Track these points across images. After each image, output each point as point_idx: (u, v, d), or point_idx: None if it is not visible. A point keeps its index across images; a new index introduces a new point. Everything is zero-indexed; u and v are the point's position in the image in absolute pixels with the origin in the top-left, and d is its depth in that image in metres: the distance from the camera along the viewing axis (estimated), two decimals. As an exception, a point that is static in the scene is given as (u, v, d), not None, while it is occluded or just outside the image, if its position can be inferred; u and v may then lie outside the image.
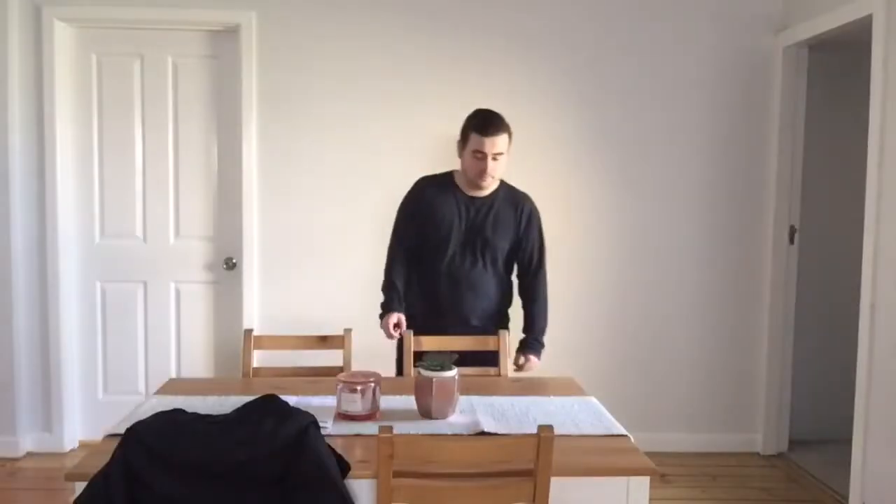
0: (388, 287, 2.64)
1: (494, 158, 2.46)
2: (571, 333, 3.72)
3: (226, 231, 3.71)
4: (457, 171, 2.65)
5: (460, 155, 2.56)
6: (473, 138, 2.45)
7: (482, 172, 2.46)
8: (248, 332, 2.70)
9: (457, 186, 2.57)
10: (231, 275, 3.72)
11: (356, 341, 2.66)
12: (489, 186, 2.57)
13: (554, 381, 2.50)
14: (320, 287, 3.62)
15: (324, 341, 2.67)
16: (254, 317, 3.65)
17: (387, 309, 2.61)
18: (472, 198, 2.56)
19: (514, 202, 2.60)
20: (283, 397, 1.84)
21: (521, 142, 3.57)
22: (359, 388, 1.97)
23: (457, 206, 2.56)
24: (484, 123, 2.45)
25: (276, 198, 3.62)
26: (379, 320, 2.61)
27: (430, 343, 2.51)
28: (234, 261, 3.70)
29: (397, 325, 2.55)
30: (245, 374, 2.62)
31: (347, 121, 3.56)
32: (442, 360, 2.01)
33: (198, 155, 3.70)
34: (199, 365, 3.73)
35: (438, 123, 3.52)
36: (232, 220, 3.69)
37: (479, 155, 2.45)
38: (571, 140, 3.69)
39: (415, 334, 2.57)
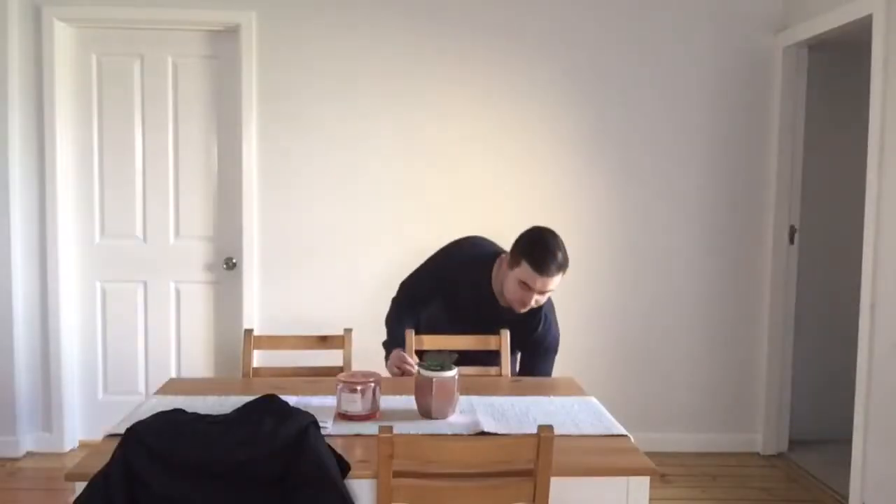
0: (394, 325, 2.54)
1: (542, 293, 2.28)
2: (571, 333, 3.59)
3: (226, 231, 3.70)
4: (497, 272, 2.45)
5: (505, 269, 2.34)
6: (526, 270, 2.23)
7: (524, 304, 2.30)
8: (248, 332, 2.68)
9: (491, 291, 2.40)
10: (231, 275, 3.70)
11: (356, 341, 2.65)
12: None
13: (554, 381, 2.49)
14: (320, 287, 3.61)
15: (324, 341, 2.66)
16: (254, 317, 3.64)
17: (394, 344, 2.50)
18: (501, 306, 2.43)
19: (535, 310, 2.44)
20: (283, 397, 1.84)
21: (520, 142, 3.67)
22: (359, 388, 1.96)
23: (482, 306, 2.44)
24: (543, 261, 2.21)
25: (276, 198, 3.61)
26: (384, 360, 2.52)
27: (431, 342, 2.48)
28: (234, 261, 3.69)
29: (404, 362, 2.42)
30: (245, 374, 2.61)
31: (348, 120, 3.55)
32: (442, 360, 2.00)
33: (198, 155, 3.69)
34: (199, 365, 3.72)
35: (439, 123, 3.52)
36: (232, 220, 3.68)
37: (526, 287, 2.27)
38: (570, 140, 3.68)
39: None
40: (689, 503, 3.24)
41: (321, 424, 1.76)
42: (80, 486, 1.65)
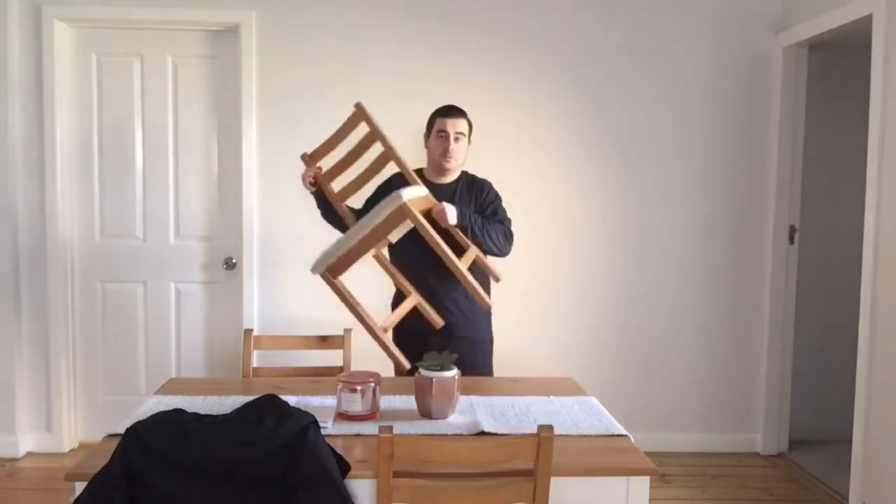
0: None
1: (456, 139, 2.63)
2: (571, 333, 3.72)
3: (226, 231, 3.69)
4: (424, 167, 2.76)
5: (427, 145, 2.73)
6: (437, 121, 2.66)
7: (445, 151, 2.62)
8: (248, 331, 2.68)
9: (423, 177, 2.68)
10: (231, 275, 3.70)
11: (356, 341, 2.64)
12: (453, 169, 2.68)
13: (554, 381, 2.49)
14: (320, 287, 3.35)
15: (324, 341, 2.66)
16: (253, 317, 3.63)
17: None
18: (437, 185, 2.66)
19: (473, 185, 2.73)
20: (283, 397, 1.84)
21: (518, 141, 3.66)
22: (359, 388, 1.96)
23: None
24: (446, 108, 2.68)
25: (277, 198, 3.59)
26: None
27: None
28: (233, 261, 3.68)
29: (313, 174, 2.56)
30: (245, 374, 2.61)
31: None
32: (441, 361, 2.01)
33: (198, 155, 3.69)
34: (198, 365, 3.72)
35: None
36: (232, 220, 3.67)
37: (443, 134, 2.64)
38: (569, 139, 3.68)
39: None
40: (688, 503, 3.24)
41: (321, 424, 1.76)
42: (80, 487, 1.65)
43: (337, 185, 2.53)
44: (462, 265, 2.28)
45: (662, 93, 3.67)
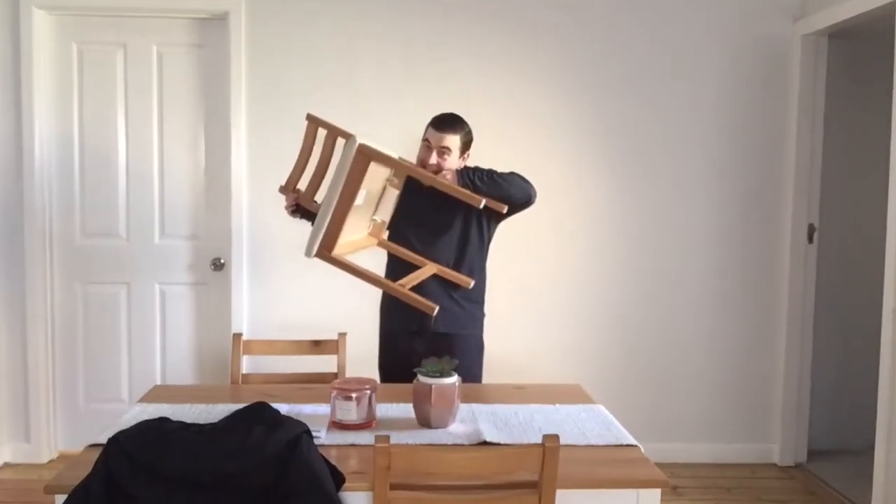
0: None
1: (441, 153, 2.56)
2: (577, 337, 3.71)
3: (213, 230, 3.68)
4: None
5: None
6: (427, 130, 2.60)
7: (423, 161, 2.57)
8: (237, 336, 2.69)
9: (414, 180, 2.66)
10: (219, 276, 3.69)
11: (351, 346, 2.65)
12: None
13: (559, 388, 2.49)
14: (313, 288, 3.56)
15: (317, 346, 2.66)
16: (243, 320, 3.62)
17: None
18: (424, 189, 2.62)
19: (463, 176, 2.67)
20: (274, 405, 1.83)
21: (525, 133, 3.63)
22: (354, 395, 1.96)
23: (413, 198, 2.64)
24: (440, 119, 2.60)
25: (267, 194, 3.49)
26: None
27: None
28: (221, 261, 3.67)
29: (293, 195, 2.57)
30: (234, 381, 2.61)
31: (342, 113, 3.39)
32: (441, 366, 2.00)
33: (184, 149, 3.67)
34: (185, 371, 3.71)
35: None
36: (220, 218, 3.65)
37: (427, 144, 2.57)
38: (580, 130, 3.66)
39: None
40: (702, 517, 3.23)
41: (314, 434, 1.76)
42: (60, 500, 1.65)
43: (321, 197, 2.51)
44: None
45: (676, 83, 3.65)
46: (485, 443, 1.91)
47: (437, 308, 2.14)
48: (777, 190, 3.73)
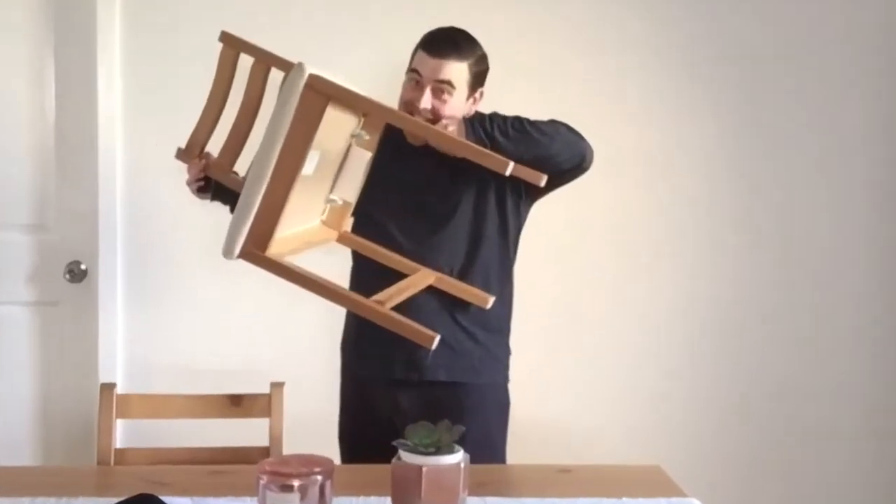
0: None
1: (438, 92, 2.12)
2: (658, 392, 3.04)
3: (69, 217, 3.06)
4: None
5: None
6: (416, 55, 2.19)
7: (409, 105, 2.14)
8: (107, 387, 2.31)
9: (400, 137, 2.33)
10: (78, 290, 3.05)
11: (293, 403, 2.25)
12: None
13: (629, 471, 2.10)
14: (232, 311, 3.01)
15: (237, 404, 2.29)
16: (116, 362, 2.97)
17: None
18: (412, 150, 2.27)
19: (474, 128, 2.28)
20: (168, 501, 1.69)
21: (587, 69, 2.95)
22: (296, 483, 1.68)
23: (394, 163, 2.27)
24: (434, 38, 2.18)
25: (156, 162, 2.91)
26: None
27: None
28: (83, 267, 3.03)
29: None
30: (102, 461, 2.26)
31: (274, 38, 2.62)
32: (438, 435, 1.69)
33: (21, 88, 3.04)
34: (21, 442, 3.08)
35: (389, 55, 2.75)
36: (80, 200, 3.03)
37: (415, 77, 2.14)
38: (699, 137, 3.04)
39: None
40: None
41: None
42: None
43: (244, 167, 2.11)
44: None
45: (814, 83, 3.13)
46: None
47: (436, 338, 1.75)
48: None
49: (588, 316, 3.01)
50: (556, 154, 2.08)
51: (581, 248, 3.04)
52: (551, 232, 2.68)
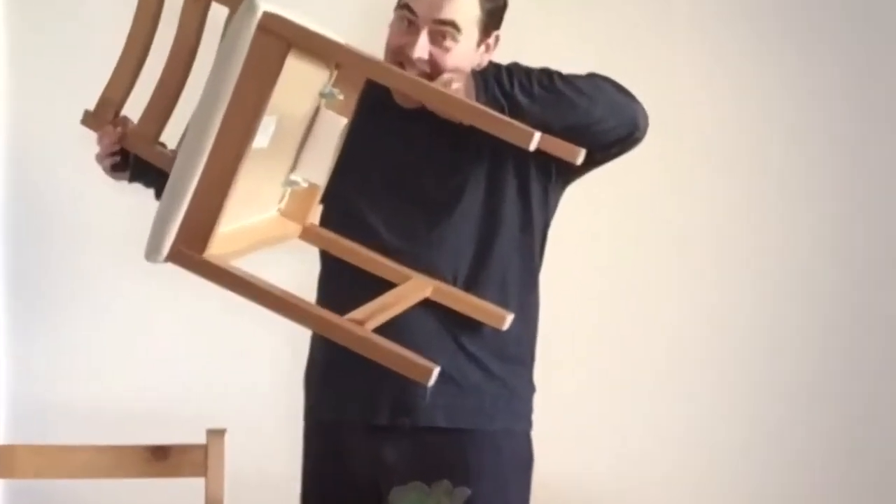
0: None
1: (437, 37, 1.81)
2: (730, 443, 2.54)
3: None
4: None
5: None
6: None
7: (399, 51, 1.83)
8: None
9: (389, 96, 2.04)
10: None
11: (238, 458, 1.94)
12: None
13: None
14: (150, 332, 2.63)
15: (161, 458, 2.04)
16: None
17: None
18: (404, 113, 1.97)
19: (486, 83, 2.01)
20: None
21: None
22: None
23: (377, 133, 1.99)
24: None
25: (46, 135, 2.57)
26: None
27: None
28: None
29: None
30: None
31: None
32: (433, 501, 1.44)
33: None
34: None
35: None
36: None
37: (409, 14, 1.83)
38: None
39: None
40: None
41: None
42: None
43: (174, 138, 1.78)
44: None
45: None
46: None
47: (434, 371, 1.40)
48: None
49: (642, 341, 2.54)
50: (598, 121, 1.74)
51: (633, 245, 2.57)
52: (588, 223, 2.28)
